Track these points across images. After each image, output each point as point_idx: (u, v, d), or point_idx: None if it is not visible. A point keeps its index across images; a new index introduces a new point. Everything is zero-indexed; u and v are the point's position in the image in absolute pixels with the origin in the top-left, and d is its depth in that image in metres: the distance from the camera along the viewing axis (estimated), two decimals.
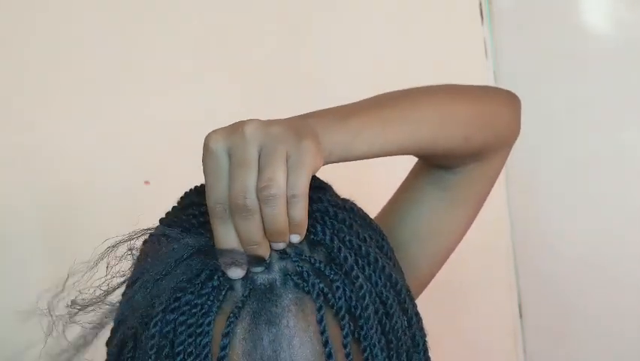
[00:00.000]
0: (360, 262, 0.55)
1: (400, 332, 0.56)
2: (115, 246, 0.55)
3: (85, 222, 1.17)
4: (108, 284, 0.55)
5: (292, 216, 0.51)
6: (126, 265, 0.56)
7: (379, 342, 0.54)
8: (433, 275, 0.77)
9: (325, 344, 0.52)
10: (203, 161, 0.52)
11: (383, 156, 0.61)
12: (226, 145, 0.51)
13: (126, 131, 1.22)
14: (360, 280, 0.54)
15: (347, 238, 0.55)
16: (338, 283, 0.53)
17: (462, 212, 0.75)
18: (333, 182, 0.63)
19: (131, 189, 1.20)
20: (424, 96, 0.68)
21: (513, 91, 0.78)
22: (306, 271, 0.53)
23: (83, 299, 0.54)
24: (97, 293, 0.54)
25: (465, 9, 1.51)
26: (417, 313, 0.59)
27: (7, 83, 1.15)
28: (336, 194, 0.61)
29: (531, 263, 1.60)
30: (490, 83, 1.51)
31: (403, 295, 0.57)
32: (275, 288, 0.52)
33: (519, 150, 0.80)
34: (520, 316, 1.61)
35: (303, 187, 0.51)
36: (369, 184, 0.81)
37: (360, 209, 0.61)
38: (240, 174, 0.50)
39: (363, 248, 0.55)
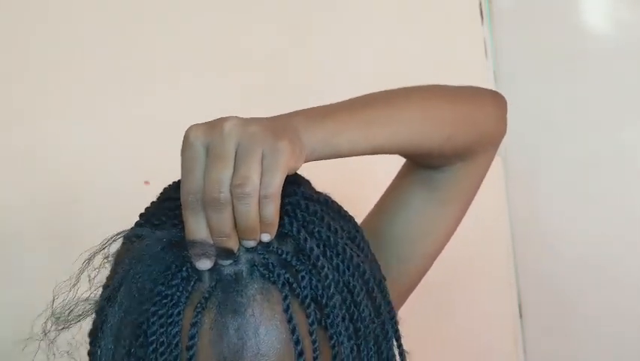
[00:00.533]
0: (327, 252, 0.56)
1: (367, 320, 0.57)
2: (91, 257, 0.57)
3: (85, 223, 1.17)
4: (94, 295, 0.57)
5: (263, 215, 0.52)
6: (105, 273, 0.58)
7: (347, 330, 0.55)
8: (422, 274, 0.78)
9: (292, 331, 0.53)
10: (182, 153, 0.54)
11: (367, 154, 0.62)
12: (205, 139, 0.53)
13: (126, 131, 1.21)
14: (325, 270, 0.55)
15: (316, 229, 0.57)
16: (303, 273, 0.54)
17: (450, 211, 0.76)
18: (335, 182, 0.64)
19: (131, 189, 1.19)
20: (407, 96, 0.69)
21: (513, 91, 0.78)
22: (272, 263, 0.54)
23: (69, 313, 0.56)
24: (81, 305, 0.57)
25: (465, 9, 1.51)
26: (388, 303, 0.60)
27: (7, 83, 1.15)
28: (312, 188, 0.62)
29: (531, 263, 1.60)
30: (490, 83, 1.51)
31: (371, 285, 0.58)
32: (241, 278, 0.54)
33: (519, 150, 0.81)
34: (520, 316, 1.61)
35: (275, 188, 0.52)
36: (373, 186, 0.81)
37: (334, 202, 0.62)
38: (216, 168, 0.52)
39: (331, 239, 0.57)
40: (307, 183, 0.63)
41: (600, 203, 1.55)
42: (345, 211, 0.63)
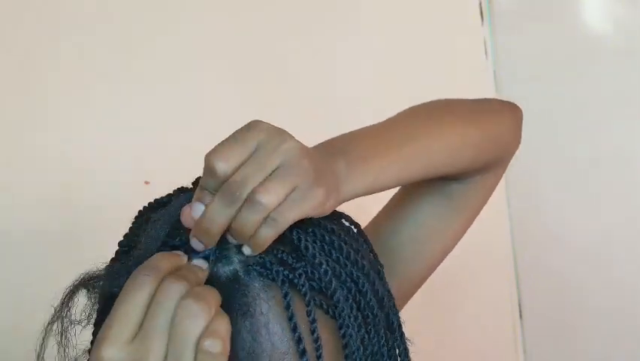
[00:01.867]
0: (325, 247, 0.56)
1: (375, 308, 0.57)
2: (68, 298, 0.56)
3: (85, 223, 1.17)
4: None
5: (259, 234, 0.51)
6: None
7: (355, 319, 0.55)
8: (424, 279, 0.79)
9: (294, 329, 0.52)
10: (243, 128, 0.52)
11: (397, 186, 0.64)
12: (264, 137, 0.52)
13: (126, 131, 1.22)
14: (324, 265, 0.54)
15: (310, 228, 0.56)
16: (300, 271, 0.53)
17: (461, 219, 0.79)
18: None
19: (131, 189, 1.19)
20: (439, 126, 0.70)
21: (513, 91, 0.80)
22: (269, 261, 0.53)
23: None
24: None
25: (465, 9, 1.51)
26: (389, 292, 0.60)
27: (7, 84, 1.15)
28: None
29: (531, 263, 1.60)
30: (490, 83, 1.51)
31: (371, 278, 0.58)
32: (239, 278, 0.53)
33: (519, 150, 0.82)
34: (520, 316, 1.61)
35: (286, 221, 0.52)
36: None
37: None
38: (251, 169, 0.51)
39: (326, 237, 0.56)
40: None
41: (600, 203, 1.55)
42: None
